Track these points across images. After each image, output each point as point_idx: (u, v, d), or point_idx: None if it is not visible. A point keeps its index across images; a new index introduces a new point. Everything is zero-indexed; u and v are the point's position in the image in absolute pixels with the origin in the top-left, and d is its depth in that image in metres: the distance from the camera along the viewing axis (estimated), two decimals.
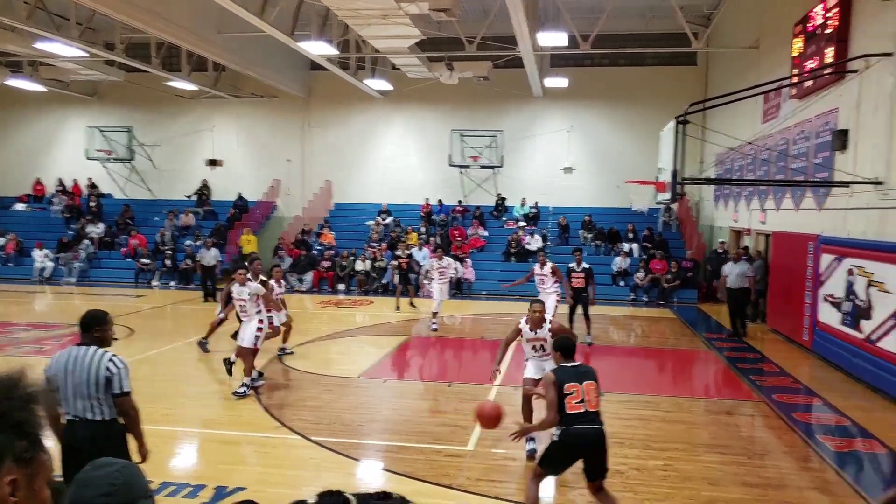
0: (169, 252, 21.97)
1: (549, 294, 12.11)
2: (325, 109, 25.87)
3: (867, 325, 9.84)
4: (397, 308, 16.74)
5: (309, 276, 20.91)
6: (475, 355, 12.40)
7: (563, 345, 5.54)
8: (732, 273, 13.48)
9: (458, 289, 20.11)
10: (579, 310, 12.39)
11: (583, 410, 5.14)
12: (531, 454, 6.67)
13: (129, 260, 22.32)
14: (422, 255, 20.79)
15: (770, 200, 15.36)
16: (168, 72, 22.09)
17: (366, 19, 15.14)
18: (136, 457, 4.61)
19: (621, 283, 19.76)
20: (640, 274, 19.43)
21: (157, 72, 21.58)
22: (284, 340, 11.38)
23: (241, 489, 5.97)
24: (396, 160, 25.56)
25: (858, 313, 10.14)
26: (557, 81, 22.14)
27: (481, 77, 20.89)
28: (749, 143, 14.95)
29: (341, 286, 20.87)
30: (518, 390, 7.49)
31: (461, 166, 24.14)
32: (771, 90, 13.75)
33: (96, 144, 26.37)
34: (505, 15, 15.35)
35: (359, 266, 20.96)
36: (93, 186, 26.71)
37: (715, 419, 8.41)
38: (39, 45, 18.22)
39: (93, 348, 4.48)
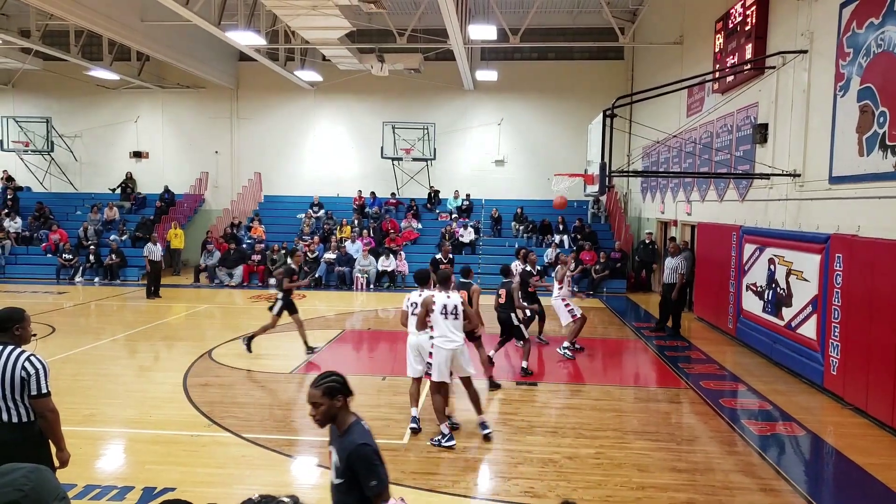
0: (93, 247, 21.14)
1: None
2: (255, 100, 25.28)
3: (787, 313, 10.25)
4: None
5: (239, 271, 20.36)
6: None
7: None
8: (667, 267, 13.64)
9: (392, 281, 19.99)
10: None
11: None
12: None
13: (50, 256, 21.37)
14: (355, 249, 20.56)
15: (695, 192, 15.84)
16: (88, 60, 21.17)
17: (294, 10, 14.81)
18: (55, 462, 4.37)
19: (552, 274, 19.99)
20: (571, 265, 19.72)
21: (76, 60, 20.63)
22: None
23: (171, 489, 5.76)
24: (328, 152, 25.21)
25: (779, 301, 10.56)
26: (488, 74, 22.27)
27: (412, 69, 20.77)
28: (674, 136, 15.37)
29: (272, 281, 20.40)
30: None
31: (394, 158, 23.97)
32: (694, 84, 14.15)
33: (13, 135, 24.98)
34: (435, 7, 15.28)
35: (290, 260, 20.51)
36: (9, 179, 25.41)
37: (644, 406, 8.58)
38: None
39: (10, 347, 4.20)
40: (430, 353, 7.35)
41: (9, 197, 24.14)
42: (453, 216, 23.19)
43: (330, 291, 19.16)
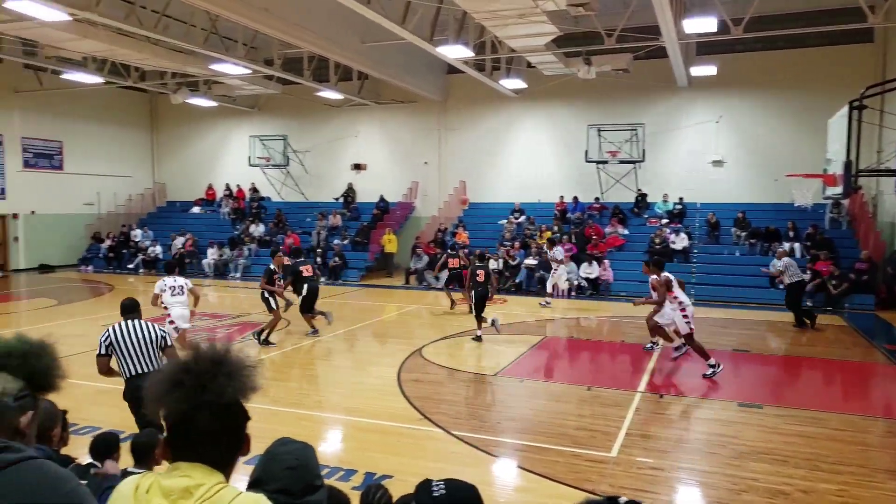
0: (319, 250, 23.32)
1: None
2: (461, 111, 26.02)
3: None
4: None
5: (445, 275, 20.96)
6: (614, 359, 11.70)
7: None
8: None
9: (595, 290, 19.32)
10: None
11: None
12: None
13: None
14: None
15: None
16: (318, 83, 23.20)
17: (503, 20, 14.89)
18: None
19: (780, 287, 17.99)
20: (807, 276, 17.40)
21: (308, 83, 22.72)
22: None
23: (389, 477, 5.96)
24: (530, 158, 25.15)
25: None
26: (705, 70, 20.74)
27: (621, 70, 19.99)
28: None
29: None
30: None
31: (598, 162, 23.22)
32: None
33: (257, 152, 28.33)
34: (646, 4, 14.51)
35: (492, 265, 20.73)
36: (254, 191, 28.90)
37: None
38: (213, 67, 20.11)
39: (143, 321, 6.00)
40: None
41: (254, 207, 27.48)
42: (664, 221, 21.91)
43: (531, 297, 18.98)
